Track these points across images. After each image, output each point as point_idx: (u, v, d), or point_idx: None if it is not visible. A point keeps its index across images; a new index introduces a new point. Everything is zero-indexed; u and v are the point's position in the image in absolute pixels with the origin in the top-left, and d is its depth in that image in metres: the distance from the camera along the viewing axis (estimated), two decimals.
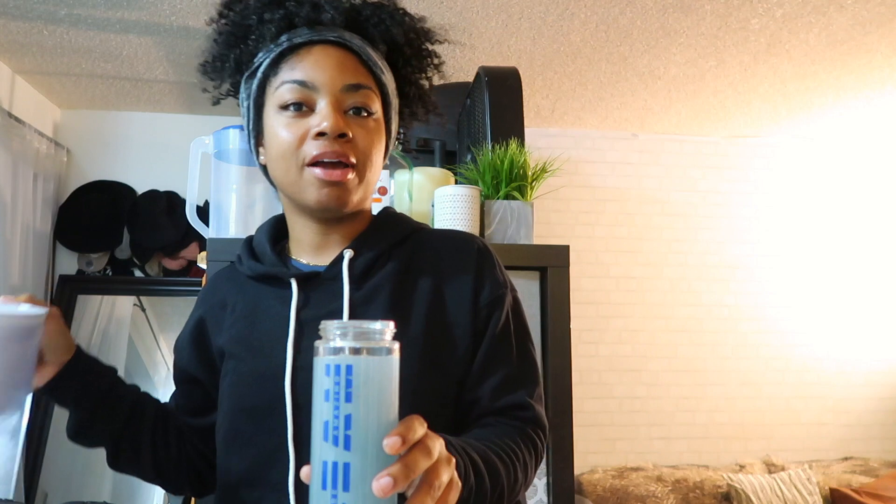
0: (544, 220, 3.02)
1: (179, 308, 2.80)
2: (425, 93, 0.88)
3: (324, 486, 0.46)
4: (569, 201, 3.09)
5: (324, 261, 0.81)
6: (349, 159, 0.74)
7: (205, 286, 0.92)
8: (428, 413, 0.72)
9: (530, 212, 1.46)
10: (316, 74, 0.74)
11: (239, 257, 0.87)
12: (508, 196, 1.46)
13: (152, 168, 2.86)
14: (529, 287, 1.41)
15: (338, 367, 0.47)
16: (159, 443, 0.87)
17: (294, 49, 0.76)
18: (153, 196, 2.82)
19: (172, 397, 0.93)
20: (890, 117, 3.01)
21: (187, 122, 2.92)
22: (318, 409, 0.48)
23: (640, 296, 3.15)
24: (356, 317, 0.75)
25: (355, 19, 0.79)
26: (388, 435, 0.46)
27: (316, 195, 0.74)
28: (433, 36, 0.86)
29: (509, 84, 1.59)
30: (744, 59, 2.41)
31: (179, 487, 0.91)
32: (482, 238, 1.01)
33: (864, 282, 3.33)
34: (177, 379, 0.91)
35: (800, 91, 2.71)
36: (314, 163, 0.73)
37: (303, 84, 0.74)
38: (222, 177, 1.42)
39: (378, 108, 0.78)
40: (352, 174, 0.74)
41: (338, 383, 0.47)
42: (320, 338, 0.50)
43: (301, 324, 0.77)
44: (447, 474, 0.51)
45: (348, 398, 0.47)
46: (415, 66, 0.85)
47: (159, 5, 2.00)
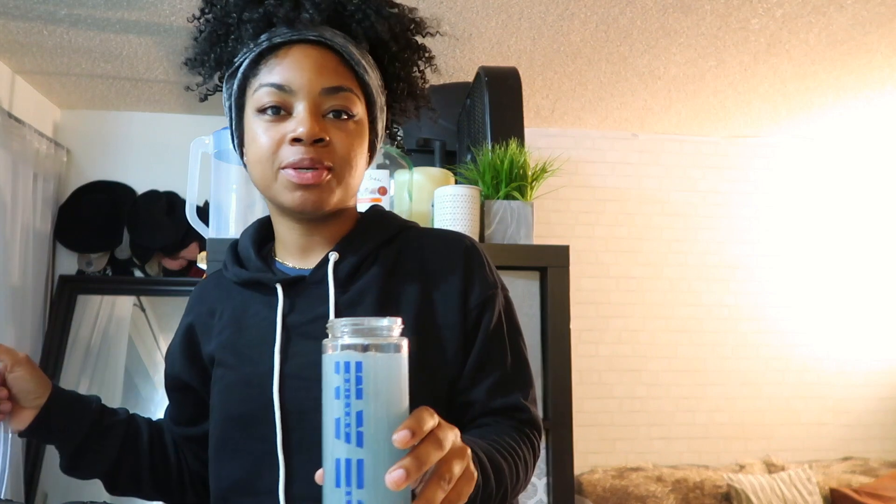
0: (544, 220, 3.02)
1: (179, 308, 2.77)
2: (416, 89, 0.85)
3: (337, 484, 0.46)
4: (569, 201, 3.09)
5: (309, 263, 0.80)
6: (325, 164, 0.72)
7: (193, 293, 0.90)
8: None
9: (530, 212, 1.46)
10: (293, 77, 0.72)
11: (224, 263, 0.85)
12: (508, 196, 1.46)
13: (152, 168, 2.86)
14: (529, 287, 1.41)
15: (347, 365, 0.47)
16: (158, 462, 0.86)
17: (273, 49, 0.73)
18: (153, 196, 2.82)
19: (166, 411, 0.92)
20: (890, 117, 3.01)
21: (187, 122, 2.92)
22: (329, 407, 0.48)
23: (640, 296, 3.15)
24: None
25: (339, 15, 0.76)
26: (397, 429, 0.46)
27: (290, 198, 0.73)
28: (424, 28, 0.83)
29: (509, 84, 1.59)
30: (744, 59, 2.41)
31: (184, 500, 0.90)
32: (476, 238, 1.00)
33: (864, 282, 3.33)
34: (169, 387, 0.89)
35: (800, 91, 2.71)
36: (288, 167, 0.72)
37: (280, 87, 0.72)
38: (222, 177, 1.42)
39: (360, 110, 0.76)
40: (327, 175, 0.72)
41: (348, 380, 0.47)
42: (328, 336, 0.50)
43: (287, 329, 0.75)
44: (460, 466, 0.50)
45: (359, 395, 0.47)
46: (403, 62, 0.82)
47: (159, 5, 2.00)
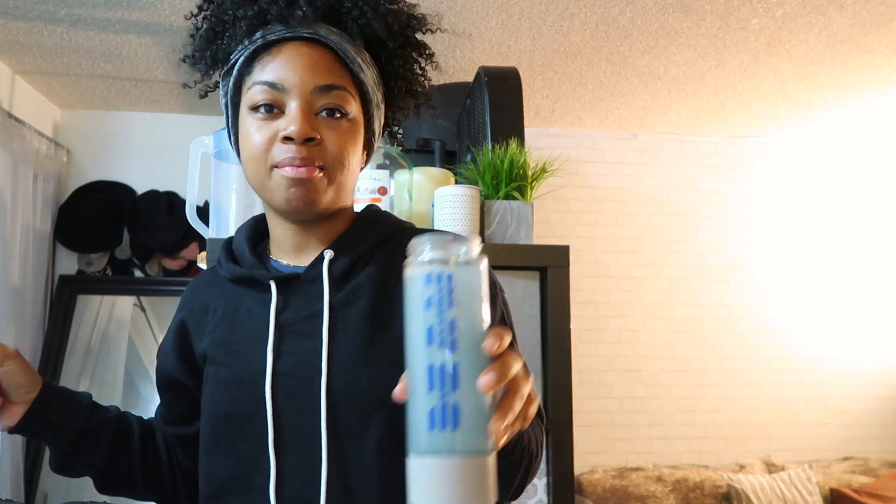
0: (544, 220, 3.02)
1: None
2: (414, 86, 0.84)
3: (430, 389, 0.49)
4: (569, 201, 3.09)
5: (304, 261, 0.80)
6: (316, 163, 0.72)
7: (186, 290, 0.89)
8: None
9: (530, 212, 1.46)
10: (286, 75, 0.72)
11: (218, 260, 0.85)
12: (508, 196, 1.46)
13: (152, 168, 2.86)
14: (529, 287, 1.41)
15: (439, 276, 0.50)
16: (150, 460, 0.86)
17: (267, 47, 0.73)
18: (153, 196, 2.81)
19: (158, 410, 0.91)
20: (890, 117, 3.01)
21: (187, 122, 2.92)
22: (419, 319, 0.51)
23: (640, 296, 3.15)
24: (337, 320, 0.74)
25: (335, 12, 0.75)
26: (486, 336, 0.50)
27: (284, 195, 0.72)
28: (424, 25, 0.82)
29: (509, 84, 1.59)
30: (744, 59, 2.41)
31: (175, 499, 0.89)
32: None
33: (864, 282, 3.33)
34: (161, 386, 0.88)
35: (800, 91, 2.71)
36: (281, 166, 0.72)
37: (272, 86, 0.72)
38: (222, 177, 1.42)
39: (354, 108, 0.75)
40: (319, 173, 0.72)
41: (440, 291, 0.50)
42: (410, 256, 0.54)
43: (280, 327, 0.75)
44: (527, 387, 0.54)
45: (451, 304, 0.50)
46: (401, 60, 0.81)
47: (159, 5, 2.00)
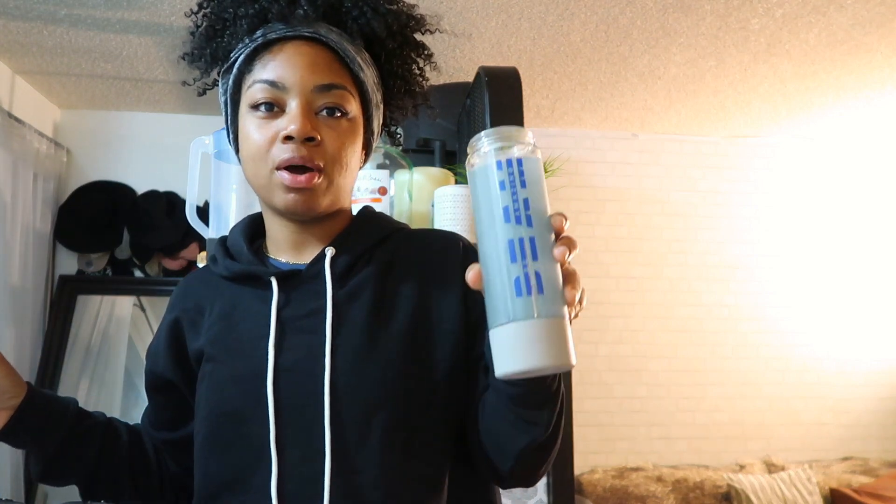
0: None
1: None
2: (413, 86, 0.84)
3: (513, 260, 0.54)
4: (569, 201, 3.09)
5: (303, 259, 0.79)
6: (316, 163, 0.72)
7: (175, 291, 0.87)
8: (415, 408, 0.71)
9: None
10: (286, 74, 0.72)
11: (213, 257, 0.83)
12: None
13: (152, 168, 2.86)
14: None
15: (510, 161, 0.56)
16: (138, 469, 0.84)
17: (268, 45, 0.73)
18: (153, 196, 2.81)
19: (145, 414, 0.89)
20: (890, 117, 3.01)
21: (187, 122, 2.92)
22: (495, 201, 0.56)
23: (640, 296, 3.15)
24: (340, 316, 0.74)
25: (336, 11, 0.76)
26: (553, 215, 0.56)
27: (283, 199, 0.72)
28: (423, 25, 0.82)
29: (509, 84, 1.59)
30: (744, 59, 2.41)
31: None
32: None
33: (864, 282, 3.33)
34: (151, 388, 0.86)
35: (800, 91, 2.71)
36: (282, 167, 0.72)
37: (273, 84, 0.72)
38: (222, 177, 1.42)
39: (354, 108, 0.75)
40: (319, 178, 0.72)
41: (511, 174, 0.56)
42: (472, 149, 0.59)
43: (282, 323, 0.74)
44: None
45: (523, 185, 0.56)
46: (399, 60, 0.81)
47: (159, 5, 2.00)
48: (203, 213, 1.43)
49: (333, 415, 0.70)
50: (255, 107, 0.73)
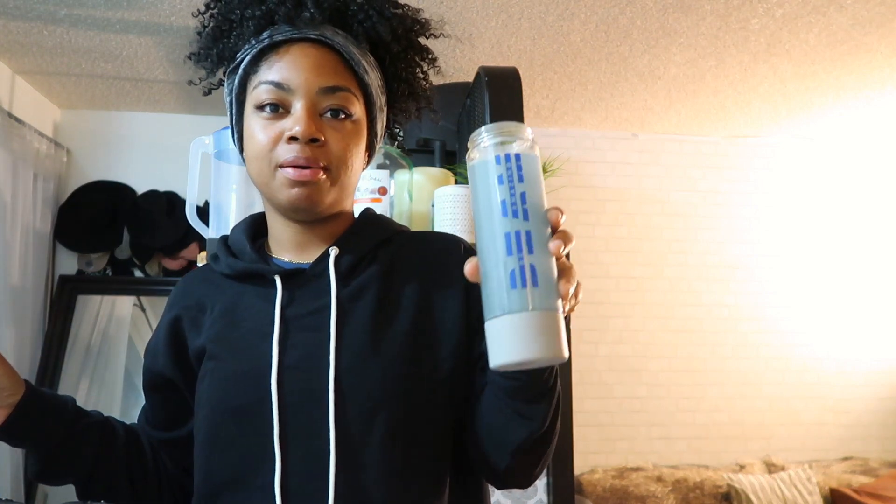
0: None
1: None
2: (417, 90, 0.85)
3: (510, 253, 0.55)
4: (569, 201, 3.09)
5: (305, 259, 0.80)
6: (319, 164, 0.72)
7: (175, 290, 0.87)
8: (417, 407, 0.72)
9: None
10: (292, 75, 0.73)
11: (215, 256, 0.83)
12: None
13: (152, 168, 2.86)
14: None
15: (507, 156, 0.58)
16: (135, 468, 0.84)
17: (274, 47, 0.74)
18: (153, 196, 2.82)
19: (142, 413, 0.89)
20: (890, 117, 3.01)
21: (187, 122, 2.92)
22: (493, 195, 0.57)
23: (640, 296, 3.15)
24: (345, 315, 0.74)
25: (341, 14, 0.77)
26: (549, 209, 0.57)
27: (286, 195, 0.73)
28: (427, 30, 0.83)
29: (509, 84, 1.59)
30: (744, 59, 2.41)
31: None
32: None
33: (864, 282, 3.33)
34: (149, 386, 0.86)
35: (800, 91, 2.71)
36: (285, 166, 0.72)
37: (278, 85, 0.73)
38: (222, 177, 1.42)
39: (358, 110, 0.76)
40: (323, 175, 0.73)
41: (510, 168, 0.57)
42: (472, 144, 0.60)
43: (286, 321, 0.75)
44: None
45: (521, 179, 0.57)
46: (404, 63, 0.82)
47: (159, 5, 2.00)
48: (203, 213, 1.43)
49: (338, 411, 0.70)
50: (261, 107, 0.74)
